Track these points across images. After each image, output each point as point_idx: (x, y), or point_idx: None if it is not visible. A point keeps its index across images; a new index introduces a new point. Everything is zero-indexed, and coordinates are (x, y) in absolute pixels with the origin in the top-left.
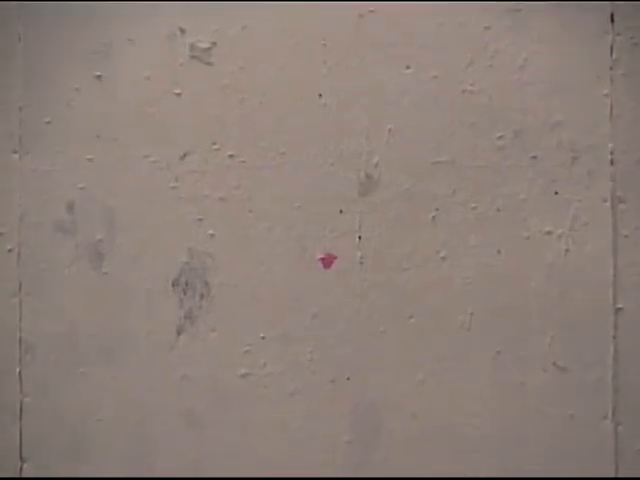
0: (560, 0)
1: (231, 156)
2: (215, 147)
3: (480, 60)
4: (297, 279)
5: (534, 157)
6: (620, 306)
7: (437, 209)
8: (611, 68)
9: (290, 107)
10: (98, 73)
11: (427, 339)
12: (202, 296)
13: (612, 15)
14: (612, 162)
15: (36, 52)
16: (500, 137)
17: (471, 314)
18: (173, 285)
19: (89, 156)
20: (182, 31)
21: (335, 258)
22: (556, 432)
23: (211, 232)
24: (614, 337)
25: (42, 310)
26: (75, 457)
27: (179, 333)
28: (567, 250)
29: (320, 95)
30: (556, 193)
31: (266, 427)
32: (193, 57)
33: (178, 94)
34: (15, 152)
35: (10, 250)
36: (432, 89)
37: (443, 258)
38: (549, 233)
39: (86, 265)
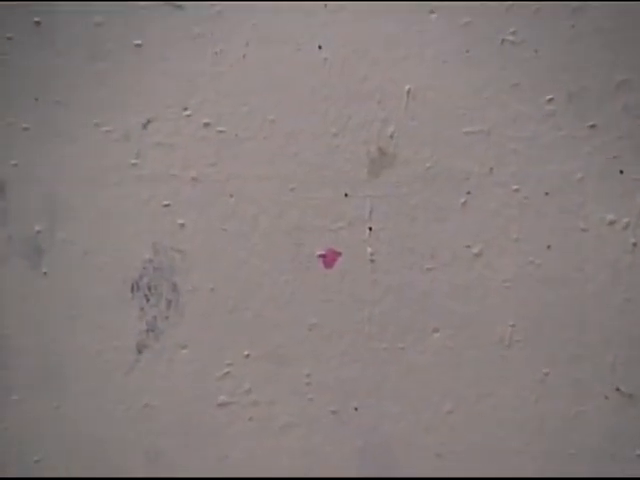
0: None
1: (207, 125)
2: (186, 113)
3: (524, 2)
4: (290, 282)
5: (593, 126)
6: None
7: (469, 192)
8: None
9: (281, 62)
10: (37, 19)
11: (456, 358)
12: (169, 303)
13: None
14: None
15: None
16: (549, 101)
17: (512, 326)
18: (132, 289)
19: (25, 124)
20: None
21: (339, 255)
22: (621, 476)
23: (181, 221)
24: None
25: None
26: None
27: (140, 351)
28: (635, 245)
29: (320, 47)
30: (621, 172)
31: (251, 470)
32: None
33: (138, 45)
34: None
35: None
36: (463, 40)
37: (476, 255)
38: (612, 223)
39: (21, 263)
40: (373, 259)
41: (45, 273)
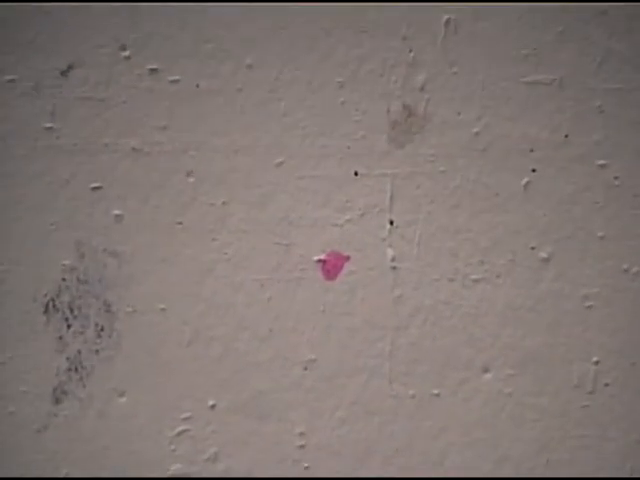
0: None
1: (154, 71)
2: (124, 54)
3: None
4: (276, 300)
5: None
6: None
7: (534, 170)
8: None
9: None
10: None
11: (515, 409)
12: (101, 330)
13: None
14: None
15: None
16: None
17: (596, 364)
18: (47, 310)
19: None
20: None
21: (346, 260)
22: None
23: (117, 212)
24: None
25: None
26: None
27: (58, 399)
28: None
29: None
30: None
31: None
32: None
33: None
34: None
35: None
36: None
37: (545, 260)
38: None
39: None
40: (395, 266)
41: None
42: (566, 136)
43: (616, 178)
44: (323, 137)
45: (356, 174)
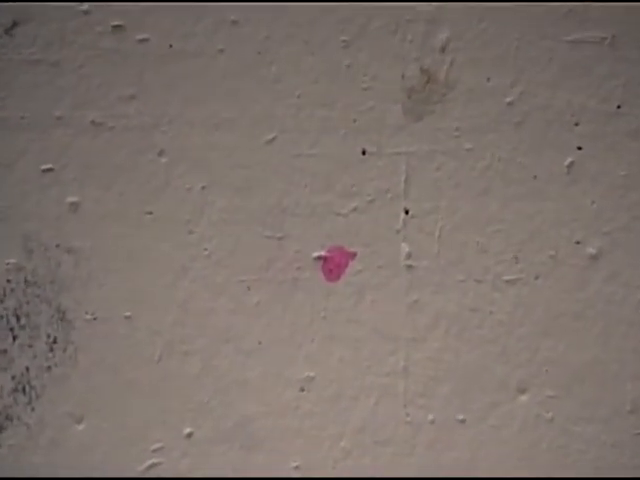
0: None
1: (118, 28)
2: (82, 8)
3: None
4: (267, 305)
5: None
6: None
7: (580, 148)
8: None
9: None
10: None
11: (559, 437)
12: (53, 343)
13: None
14: None
15: None
16: None
17: None
18: None
19: None
20: None
21: (351, 257)
22: None
23: (73, 199)
24: None
25: None
26: None
27: (2, 427)
28: None
29: None
30: None
31: None
32: None
33: None
34: None
35: None
36: None
37: (593, 257)
38: None
39: None
40: (411, 265)
41: None
42: (618, 107)
43: None
44: (324, 108)
45: (364, 153)
